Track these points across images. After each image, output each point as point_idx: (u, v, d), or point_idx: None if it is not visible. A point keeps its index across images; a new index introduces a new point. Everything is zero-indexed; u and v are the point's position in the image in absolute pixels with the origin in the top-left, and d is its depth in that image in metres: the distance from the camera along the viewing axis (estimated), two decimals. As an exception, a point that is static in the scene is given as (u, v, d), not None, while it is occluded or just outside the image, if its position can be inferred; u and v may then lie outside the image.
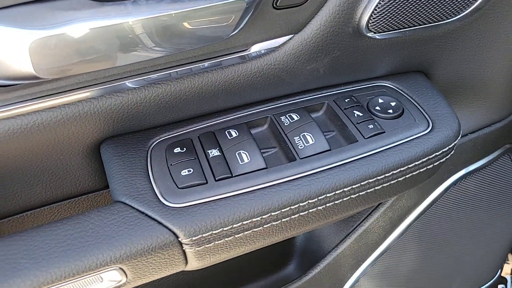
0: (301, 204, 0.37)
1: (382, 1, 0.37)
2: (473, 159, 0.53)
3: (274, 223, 0.37)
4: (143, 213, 0.35)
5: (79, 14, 0.30)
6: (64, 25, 0.29)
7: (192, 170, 0.37)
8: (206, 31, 0.34)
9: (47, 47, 0.29)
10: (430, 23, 0.41)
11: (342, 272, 0.56)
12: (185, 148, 0.39)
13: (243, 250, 0.38)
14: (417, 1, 0.39)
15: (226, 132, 0.40)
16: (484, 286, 0.80)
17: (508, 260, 0.97)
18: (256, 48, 0.39)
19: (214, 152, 0.39)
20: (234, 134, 0.40)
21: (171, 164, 0.38)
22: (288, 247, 0.61)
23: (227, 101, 0.42)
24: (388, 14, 0.38)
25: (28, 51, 0.29)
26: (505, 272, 0.99)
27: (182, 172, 0.37)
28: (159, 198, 0.36)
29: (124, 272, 0.34)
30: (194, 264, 0.37)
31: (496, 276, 0.82)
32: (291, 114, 0.42)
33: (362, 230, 0.51)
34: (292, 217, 0.37)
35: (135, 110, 0.39)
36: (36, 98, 0.35)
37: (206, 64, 0.39)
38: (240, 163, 0.37)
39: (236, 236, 0.36)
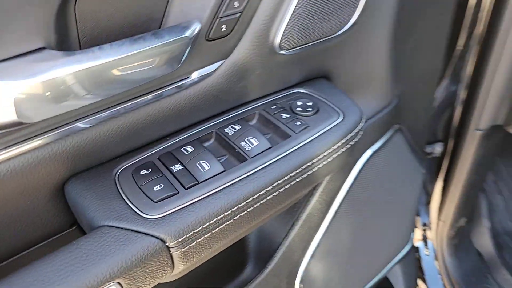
0: (260, 193, 0.44)
1: (288, 26, 0.48)
2: (375, 140, 0.66)
3: (241, 214, 0.43)
4: (129, 229, 0.39)
5: (50, 64, 0.34)
6: (38, 75, 0.34)
7: (162, 185, 0.42)
8: (157, 66, 0.40)
9: (29, 95, 0.33)
10: (323, 38, 0.52)
11: (295, 259, 0.64)
12: (150, 169, 0.44)
13: (220, 245, 0.44)
14: (311, 23, 0.50)
15: (182, 149, 0.46)
16: (401, 253, 0.94)
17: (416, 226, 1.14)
18: (195, 75, 0.46)
19: (177, 167, 0.44)
20: (190, 150, 0.46)
21: (142, 185, 0.43)
22: (242, 252, 0.67)
23: (177, 124, 0.48)
24: (293, 35, 0.49)
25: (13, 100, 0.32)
26: (416, 238, 1.17)
27: (154, 188, 0.42)
28: (139, 214, 0.40)
29: (121, 286, 0.38)
30: (180, 267, 0.42)
31: (410, 241, 0.97)
32: (232, 125, 0.50)
33: (305, 216, 0.60)
34: (255, 206, 0.44)
35: (92, 147, 0.43)
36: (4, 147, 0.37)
37: (154, 95, 0.45)
38: (202, 171, 0.44)
39: (213, 232, 0.42)
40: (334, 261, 0.69)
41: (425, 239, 1.18)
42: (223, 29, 0.44)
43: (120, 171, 0.44)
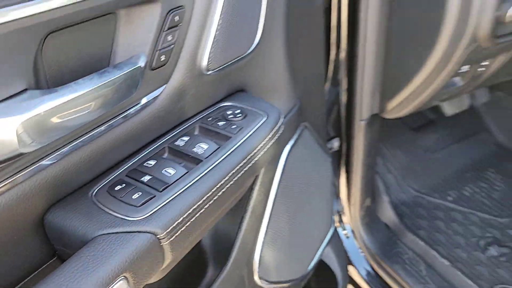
0: (221, 183, 0.54)
1: (211, 51, 0.59)
2: (290, 137, 0.80)
3: (210, 202, 0.52)
4: (123, 232, 0.45)
5: (36, 102, 0.40)
6: (26, 112, 0.39)
7: (140, 192, 0.49)
8: (121, 92, 0.48)
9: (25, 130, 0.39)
10: (237, 57, 0.65)
11: (249, 248, 0.73)
12: (123, 184, 0.51)
13: (199, 232, 0.52)
14: (228, 46, 0.62)
15: (145, 164, 0.54)
16: (328, 235, 1.09)
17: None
18: (144, 100, 0.55)
19: (147, 178, 0.52)
20: (152, 163, 0.54)
21: (121, 197, 0.49)
22: (201, 258, 0.74)
23: (135, 145, 0.56)
24: (216, 58, 0.61)
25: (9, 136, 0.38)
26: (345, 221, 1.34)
27: (133, 197, 0.49)
28: (127, 219, 0.47)
29: (127, 280, 0.44)
30: (168, 256, 0.49)
31: (332, 224, 1.12)
32: (181, 138, 0.59)
33: (250, 208, 0.71)
34: (218, 194, 0.54)
35: (64, 178, 0.48)
36: None
37: (109, 123, 0.52)
38: (169, 175, 0.52)
39: (191, 220, 0.50)
40: (280, 245, 0.80)
41: (342, 224, 1.36)
42: (162, 59, 0.54)
43: (95, 192, 0.50)
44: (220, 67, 0.62)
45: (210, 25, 0.58)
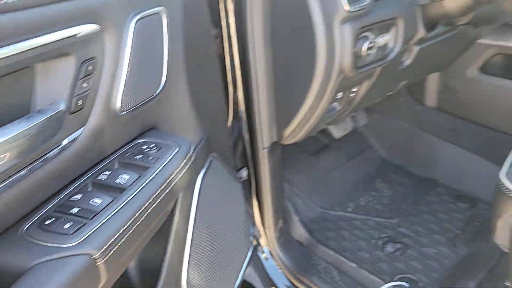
0: (145, 205, 0.61)
1: (123, 94, 0.68)
2: (201, 166, 0.90)
3: (137, 223, 0.59)
4: (59, 258, 0.49)
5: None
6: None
7: (71, 222, 0.54)
8: (45, 135, 0.54)
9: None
10: (148, 98, 0.74)
11: (176, 271, 0.78)
12: (53, 218, 0.55)
13: (131, 251, 0.58)
14: (138, 89, 0.71)
15: (72, 199, 0.59)
16: (248, 256, 1.17)
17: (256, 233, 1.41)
18: (65, 141, 0.60)
19: (75, 210, 0.57)
20: (79, 196, 0.59)
21: (52, 229, 0.53)
22: (130, 285, 0.78)
23: (59, 184, 0.60)
24: (128, 99, 0.69)
25: None
26: (263, 244, 1.43)
27: (64, 227, 0.53)
28: (62, 247, 0.51)
29: None
30: (104, 276, 0.53)
31: (251, 245, 1.22)
32: (103, 173, 0.65)
33: (173, 232, 0.77)
34: (144, 215, 0.60)
35: None
36: None
37: (30, 167, 0.56)
38: (97, 205, 0.58)
39: (123, 240, 0.56)
40: (205, 266, 0.87)
41: (260, 247, 1.46)
42: (79, 104, 0.61)
43: (25, 228, 0.54)
44: (132, 108, 0.71)
45: (120, 72, 0.67)
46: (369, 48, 1.03)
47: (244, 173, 1.38)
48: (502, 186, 0.93)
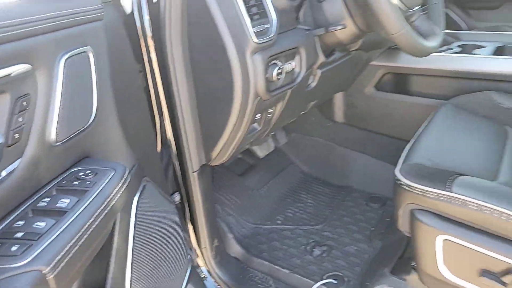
0: (88, 224, 0.66)
1: (58, 125, 0.73)
2: (136, 189, 0.96)
3: (82, 240, 0.64)
4: (11, 276, 0.54)
5: None
6: None
7: (18, 245, 0.58)
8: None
9: None
10: (80, 129, 0.80)
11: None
12: (-1, 244, 0.59)
13: (79, 267, 0.62)
14: (71, 120, 0.77)
15: (14, 225, 0.63)
16: (187, 274, 1.23)
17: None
18: (4, 173, 0.65)
19: (20, 234, 0.61)
20: (21, 223, 0.63)
21: (0, 253, 0.57)
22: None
23: (3, 211, 0.64)
24: (62, 131, 0.75)
25: None
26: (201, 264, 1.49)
27: (11, 249, 0.57)
28: (12, 267, 0.55)
29: None
30: None
31: (189, 263, 1.28)
32: (43, 199, 0.69)
33: (114, 251, 0.82)
34: (88, 233, 0.66)
35: None
36: None
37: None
38: (41, 227, 0.62)
39: (70, 255, 0.61)
40: (146, 283, 0.92)
41: (199, 268, 1.51)
42: (16, 137, 0.66)
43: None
44: (67, 139, 0.76)
45: (53, 106, 0.73)
46: (279, 74, 1.18)
47: (177, 197, 1.44)
48: (397, 180, 1.11)
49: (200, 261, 1.51)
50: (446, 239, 1.01)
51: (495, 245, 0.94)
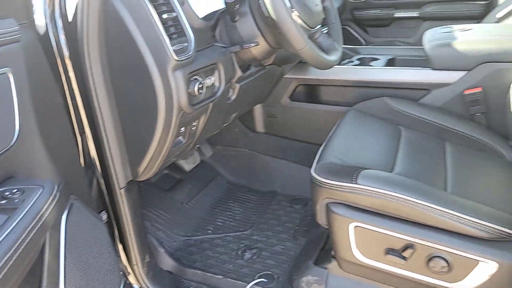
0: (20, 241, 0.67)
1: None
2: (64, 206, 0.96)
3: (17, 254, 0.65)
4: None
5: None
6: None
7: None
8: None
9: None
10: (3, 150, 0.80)
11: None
12: None
13: (12, 282, 0.63)
14: (-7, 142, 0.77)
15: None
16: None
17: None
18: None
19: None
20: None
21: None
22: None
23: None
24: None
25: None
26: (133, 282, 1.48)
27: None
28: None
29: None
30: None
31: (122, 280, 1.28)
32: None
33: (46, 268, 0.82)
34: (20, 250, 0.67)
35: None
36: None
37: None
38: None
39: (3, 271, 0.62)
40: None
41: (130, 285, 1.51)
42: None
43: None
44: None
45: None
46: (200, 88, 1.25)
47: (104, 216, 1.43)
48: (313, 178, 1.24)
49: (131, 279, 1.51)
50: (356, 226, 1.15)
51: (395, 226, 1.10)
